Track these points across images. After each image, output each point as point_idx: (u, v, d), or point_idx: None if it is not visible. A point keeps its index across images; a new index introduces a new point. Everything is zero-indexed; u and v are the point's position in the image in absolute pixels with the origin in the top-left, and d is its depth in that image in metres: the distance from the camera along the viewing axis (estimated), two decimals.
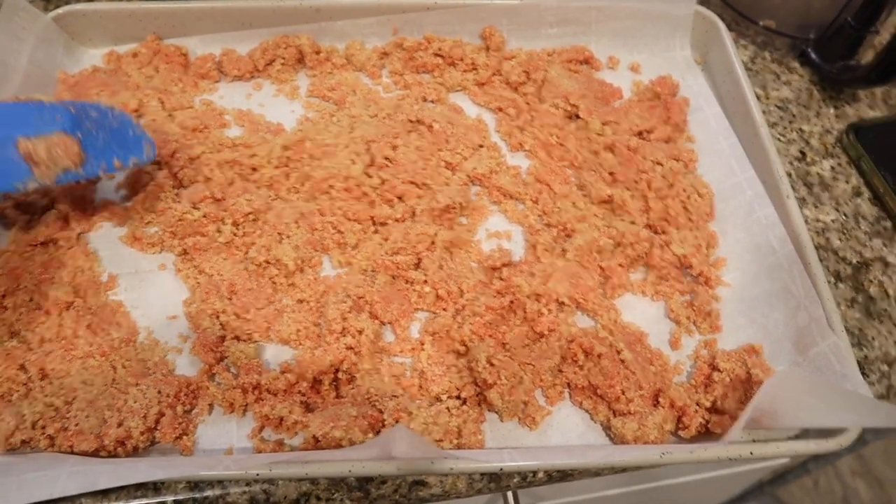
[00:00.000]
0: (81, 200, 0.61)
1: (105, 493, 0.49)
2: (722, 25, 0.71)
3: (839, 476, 1.66)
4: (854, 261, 0.62)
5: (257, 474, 0.45)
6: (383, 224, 0.60)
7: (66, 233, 0.59)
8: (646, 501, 1.05)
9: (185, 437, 0.50)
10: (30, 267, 0.56)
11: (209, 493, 0.49)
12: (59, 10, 0.68)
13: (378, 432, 0.49)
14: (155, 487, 0.49)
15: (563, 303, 0.55)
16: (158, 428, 0.49)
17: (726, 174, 0.64)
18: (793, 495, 1.66)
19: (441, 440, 0.49)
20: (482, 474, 0.51)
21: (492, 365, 0.51)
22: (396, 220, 0.59)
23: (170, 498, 0.49)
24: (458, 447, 0.49)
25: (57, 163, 0.50)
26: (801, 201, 0.65)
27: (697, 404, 0.52)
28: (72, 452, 0.48)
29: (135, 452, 0.49)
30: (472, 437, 0.49)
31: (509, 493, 0.69)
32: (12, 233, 0.58)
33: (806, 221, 0.63)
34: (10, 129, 0.49)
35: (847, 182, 0.67)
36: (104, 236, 0.60)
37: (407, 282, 0.57)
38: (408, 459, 0.46)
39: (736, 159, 0.64)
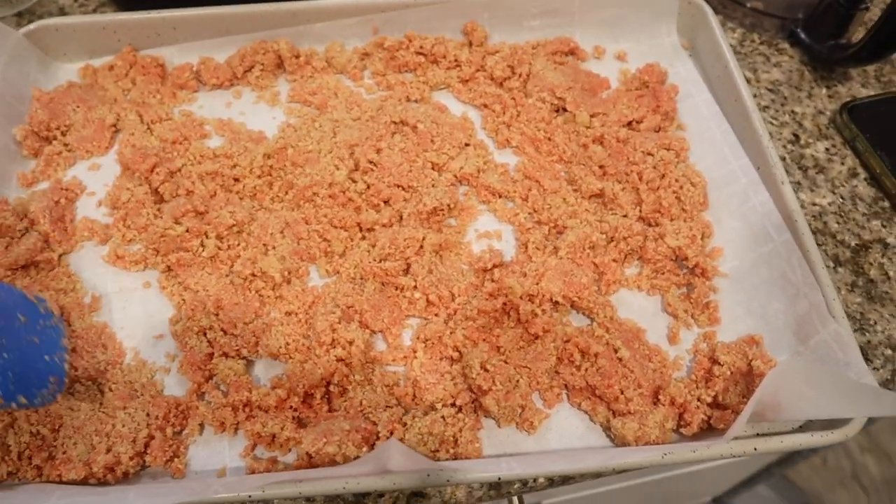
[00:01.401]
0: (61, 220, 0.59)
1: None
2: (709, 9, 0.70)
3: (848, 452, 1.65)
4: (853, 244, 0.61)
5: (249, 496, 0.44)
6: (370, 230, 0.58)
7: (46, 254, 0.57)
8: (655, 491, 1.04)
9: (176, 460, 0.49)
10: None
11: None
12: (31, 26, 0.66)
13: (372, 445, 0.48)
14: None
15: (557, 302, 0.54)
16: (148, 451, 0.48)
17: (719, 162, 0.63)
18: (801, 474, 1.66)
19: (437, 450, 0.48)
20: (482, 483, 0.50)
21: (486, 371, 0.50)
22: (383, 226, 0.58)
23: None
24: (455, 456, 0.48)
25: None
26: (797, 185, 0.64)
27: (699, 400, 0.51)
28: (60, 482, 0.47)
29: (125, 478, 0.48)
30: (469, 446, 0.48)
31: (514, 498, 0.68)
32: None
33: (802, 206, 0.62)
34: None
35: (842, 163, 0.66)
36: (85, 256, 0.59)
37: (396, 288, 0.56)
38: (403, 473, 0.44)
39: (729, 146, 0.63)
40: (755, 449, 0.47)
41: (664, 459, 0.46)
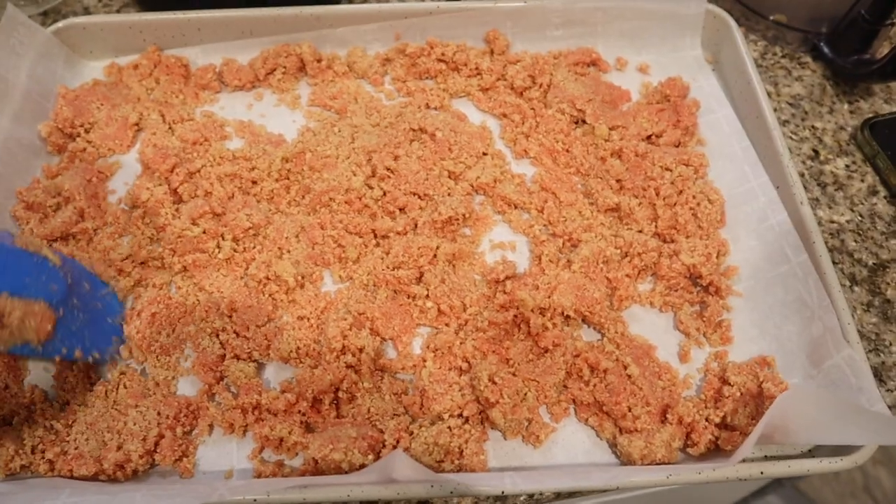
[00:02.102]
0: (95, 197, 0.61)
1: None
2: (733, 23, 0.69)
3: (860, 465, 1.63)
4: (870, 263, 0.60)
5: (255, 500, 0.44)
6: (385, 237, 0.59)
7: (81, 226, 0.59)
8: (665, 499, 1.04)
9: (184, 460, 0.49)
10: None
11: None
12: (59, 24, 0.68)
13: (378, 453, 0.48)
14: None
15: (568, 316, 0.54)
16: (158, 450, 0.49)
17: (739, 179, 0.62)
18: (812, 485, 1.64)
19: (442, 461, 0.48)
20: (487, 495, 0.50)
21: (494, 383, 0.50)
22: (398, 233, 0.58)
23: None
24: (460, 468, 0.48)
25: (22, 334, 0.45)
26: (815, 202, 0.63)
27: (707, 420, 0.51)
28: (71, 477, 0.48)
29: (134, 476, 0.49)
30: (474, 458, 0.48)
31: None
32: (26, 231, 0.59)
33: (820, 223, 0.61)
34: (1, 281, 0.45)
35: (862, 181, 0.65)
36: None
37: (409, 297, 0.56)
38: (407, 483, 0.45)
39: (749, 164, 0.62)
40: (762, 473, 0.47)
41: (669, 480, 0.46)
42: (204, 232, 0.58)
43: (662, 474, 0.46)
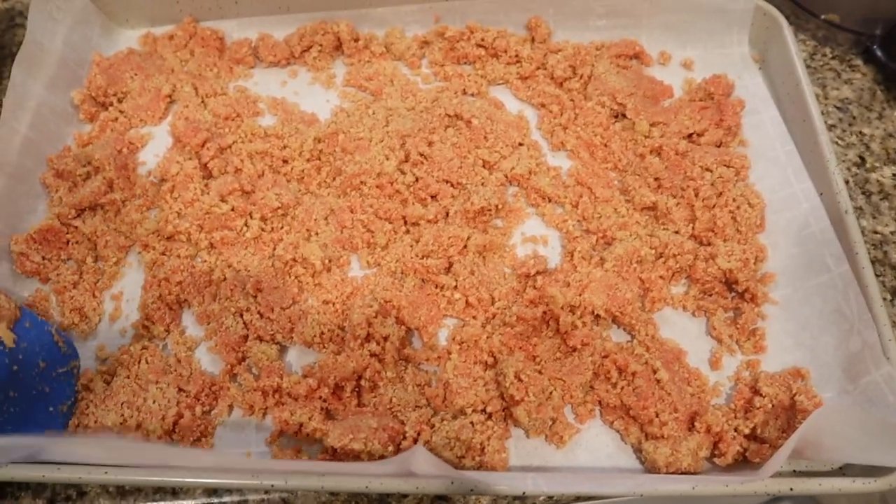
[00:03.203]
0: (124, 168, 0.61)
1: (123, 495, 0.49)
2: (784, 21, 0.67)
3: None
4: None
5: (272, 485, 0.44)
6: (415, 224, 0.58)
7: (110, 196, 0.59)
8: (679, 500, 1.03)
9: (203, 440, 0.49)
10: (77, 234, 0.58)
11: (227, 499, 0.49)
12: None
13: (398, 445, 0.47)
14: (174, 492, 0.49)
15: (598, 315, 0.53)
16: (177, 430, 0.48)
17: (781, 184, 0.60)
18: (828, 496, 1.62)
19: (463, 457, 0.47)
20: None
21: (520, 380, 0.49)
22: (429, 221, 0.57)
23: (188, 502, 0.49)
24: (481, 465, 0.47)
25: None
26: (859, 211, 0.61)
27: (735, 430, 0.50)
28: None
29: None
30: (495, 455, 0.47)
31: None
32: (55, 198, 0.59)
33: (863, 233, 0.59)
34: None
35: None
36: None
37: (437, 286, 0.55)
38: (427, 478, 0.44)
39: (792, 168, 0.60)
40: (791, 489, 0.46)
41: (695, 491, 0.45)
42: (232, 209, 0.57)
43: (688, 485, 0.45)
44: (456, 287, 0.54)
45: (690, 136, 0.63)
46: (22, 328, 0.47)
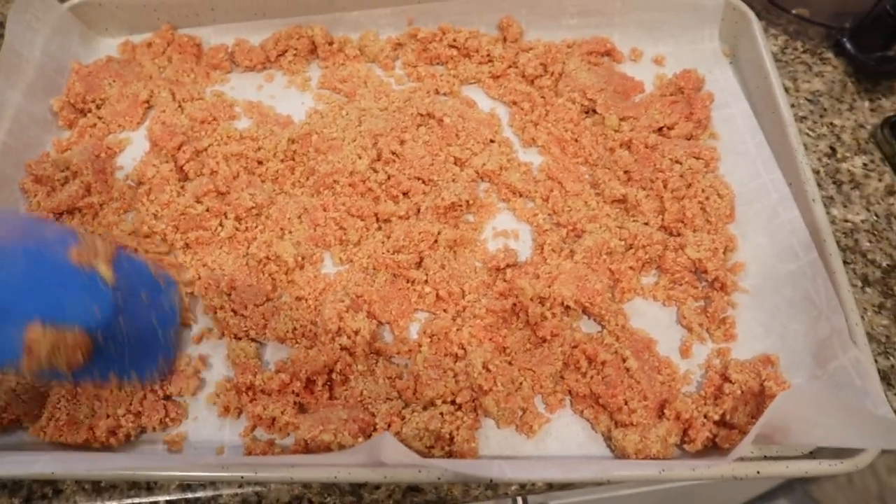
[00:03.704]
0: (102, 172, 0.61)
1: (99, 492, 0.49)
2: (753, 17, 0.67)
3: (875, 473, 1.60)
4: (884, 264, 0.59)
5: (242, 477, 0.44)
6: (387, 221, 0.58)
7: (87, 200, 0.59)
8: (675, 499, 1.02)
9: (175, 433, 0.49)
10: None
11: (201, 494, 0.49)
12: (75, 0, 0.68)
13: (369, 436, 0.48)
14: (148, 487, 0.49)
15: (568, 307, 0.53)
16: (143, 411, 0.49)
17: (751, 175, 0.61)
18: (826, 492, 1.61)
19: (432, 447, 0.47)
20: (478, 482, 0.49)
21: (488, 370, 0.49)
22: (400, 217, 0.58)
23: (162, 498, 0.49)
24: (450, 454, 0.48)
25: (51, 363, 0.41)
26: (829, 200, 0.62)
27: (705, 417, 0.50)
28: (64, 445, 0.49)
29: (127, 441, 0.49)
30: (465, 445, 0.47)
31: (518, 497, 0.68)
32: (34, 203, 0.59)
33: (833, 222, 0.60)
34: (32, 304, 0.41)
35: (880, 180, 0.63)
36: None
37: (408, 281, 0.55)
38: (395, 466, 0.44)
39: (762, 159, 0.61)
40: (758, 472, 0.46)
41: (662, 476, 0.45)
42: (207, 210, 0.58)
43: (655, 469, 0.45)
44: (426, 281, 0.55)
45: (661, 129, 0.64)
46: (120, 264, 0.46)
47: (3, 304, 0.40)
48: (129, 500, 0.49)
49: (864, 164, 0.64)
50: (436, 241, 0.56)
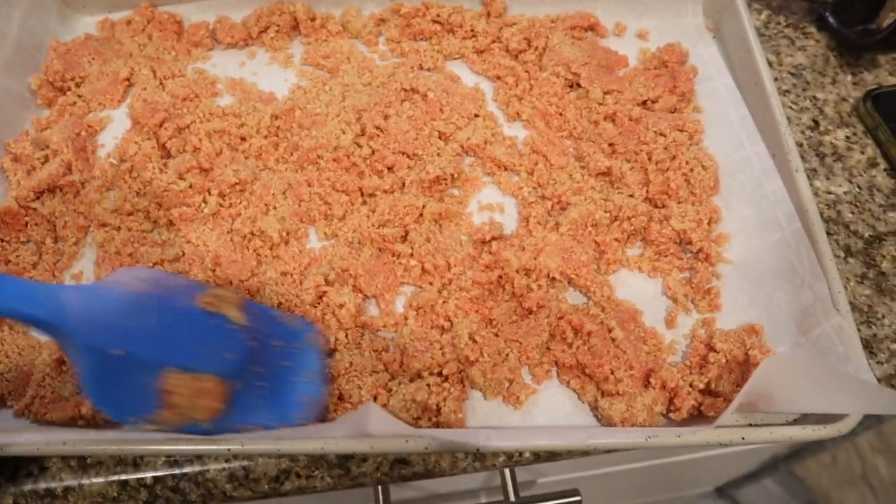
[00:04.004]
0: (83, 150, 0.61)
1: (85, 468, 0.49)
2: None
3: (859, 452, 1.62)
4: (866, 235, 0.59)
5: (228, 449, 0.44)
6: (371, 195, 0.58)
7: (69, 178, 0.58)
8: (655, 476, 1.03)
9: None
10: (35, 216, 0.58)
11: (188, 469, 0.49)
12: None
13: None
14: (134, 463, 0.49)
15: (554, 278, 0.53)
16: None
17: (735, 147, 0.61)
18: (810, 471, 1.63)
19: (419, 418, 0.48)
20: (466, 453, 0.50)
21: (474, 341, 0.49)
22: (385, 192, 0.58)
23: (149, 474, 0.49)
24: (437, 425, 0.48)
25: (191, 414, 0.41)
26: (813, 172, 0.62)
27: (691, 386, 0.50)
28: (49, 423, 0.48)
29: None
30: (451, 416, 0.48)
31: (506, 471, 0.68)
32: (14, 181, 0.59)
33: (816, 194, 0.60)
34: (168, 353, 0.41)
35: (862, 152, 0.64)
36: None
37: (393, 255, 0.55)
38: (382, 437, 0.44)
39: (746, 132, 0.61)
40: (743, 438, 0.46)
41: (647, 443, 0.45)
42: (190, 186, 0.57)
43: (641, 436, 0.46)
44: (412, 255, 0.54)
45: (644, 102, 0.64)
46: (249, 312, 0.46)
47: (140, 356, 0.40)
48: (116, 477, 0.49)
49: (847, 137, 0.65)
50: (421, 214, 0.56)
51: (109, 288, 0.43)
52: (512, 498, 0.66)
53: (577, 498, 0.65)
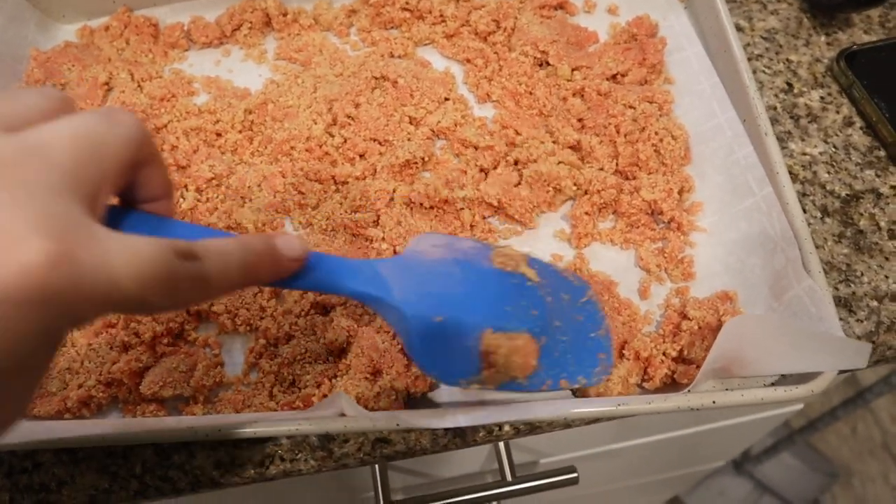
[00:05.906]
0: None
1: (76, 462, 0.50)
2: None
3: (878, 422, 1.61)
4: (843, 194, 0.59)
5: (206, 435, 0.45)
6: (344, 183, 0.59)
7: None
8: (667, 449, 1.03)
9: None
10: None
11: (175, 458, 0.50)
12: None
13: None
14: (124, 455, 0.50)
15: (490, 204, 0.56)
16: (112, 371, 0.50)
17: (707, 115, 0.61)
18: (829, 443, 1.62)
19: (395, 399, 0.48)
20: (445, 430, 0.50)
21: None
22: (357, 178, 0.59)
23: (139, 464, 0.50)
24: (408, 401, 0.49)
25: (509, 372, 0.42)
26: (787, 135, 0.62)
27: (664, 354, 0.51)
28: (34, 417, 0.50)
29: (99, 410, 0.50)
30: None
31: (501, 446, 0.69)
32: None
33: (791, 156, 0.60)
34: (480, 314, 0.41)
35: (837, 112, 0.63)
36: None
37: (366, 240, 0.56)
38: (354, 418, 0.45)
39: (717, 100, 0.61)
40: (714, 402, 0.46)
41: (618, 410, 0.46)
42: None
43: (612, 405, 0.46)
44: (384, 238, 0.55)
45: (614, 76, 0.64)
46: (537, 268, 0.47)
47: (459, 320, 0.41)
48: (106, 469, 0.50)
49: (822, 98, 0.64)
50: (392, 198, 0.57)
51: (415, 257, 0.44)
52: (508, 478, 0.67)
53: (574, 475, 0.65)
